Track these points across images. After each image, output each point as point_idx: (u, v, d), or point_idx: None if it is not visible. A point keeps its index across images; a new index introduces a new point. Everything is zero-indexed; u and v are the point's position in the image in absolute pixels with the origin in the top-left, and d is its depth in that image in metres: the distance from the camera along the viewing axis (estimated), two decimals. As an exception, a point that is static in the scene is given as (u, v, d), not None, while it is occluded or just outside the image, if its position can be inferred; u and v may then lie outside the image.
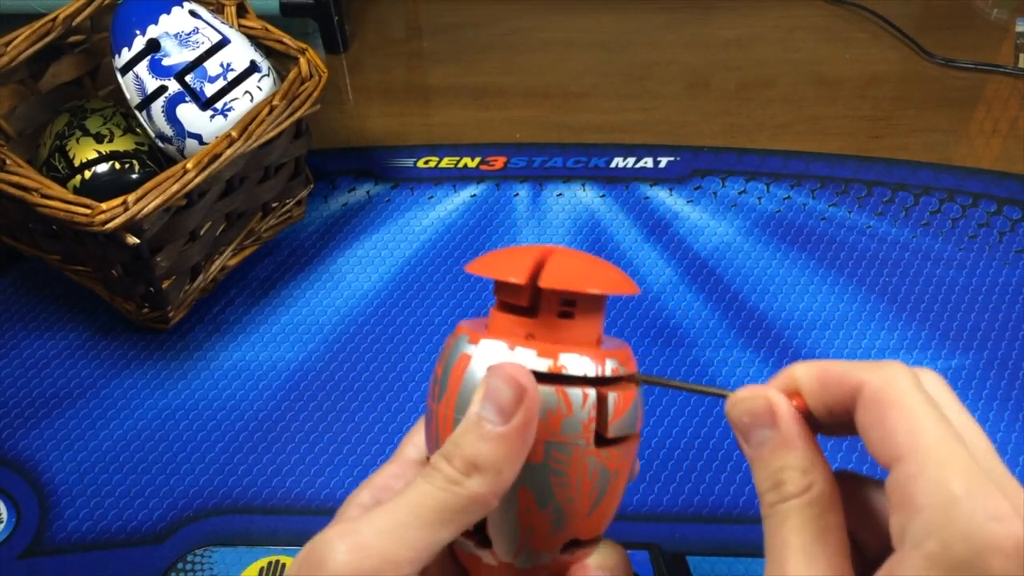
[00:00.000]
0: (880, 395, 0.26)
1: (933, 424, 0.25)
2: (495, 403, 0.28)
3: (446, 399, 0.30)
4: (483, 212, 0.83)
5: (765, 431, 0.29)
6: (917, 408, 0.25)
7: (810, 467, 0.28)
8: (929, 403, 0.26)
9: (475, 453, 0.28)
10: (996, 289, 0.74)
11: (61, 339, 0.74)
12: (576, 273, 0.31)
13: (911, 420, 0.25)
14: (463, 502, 0.27)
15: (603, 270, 0.32)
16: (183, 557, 0.61)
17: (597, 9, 1.08)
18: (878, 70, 0.98)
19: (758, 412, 0.29)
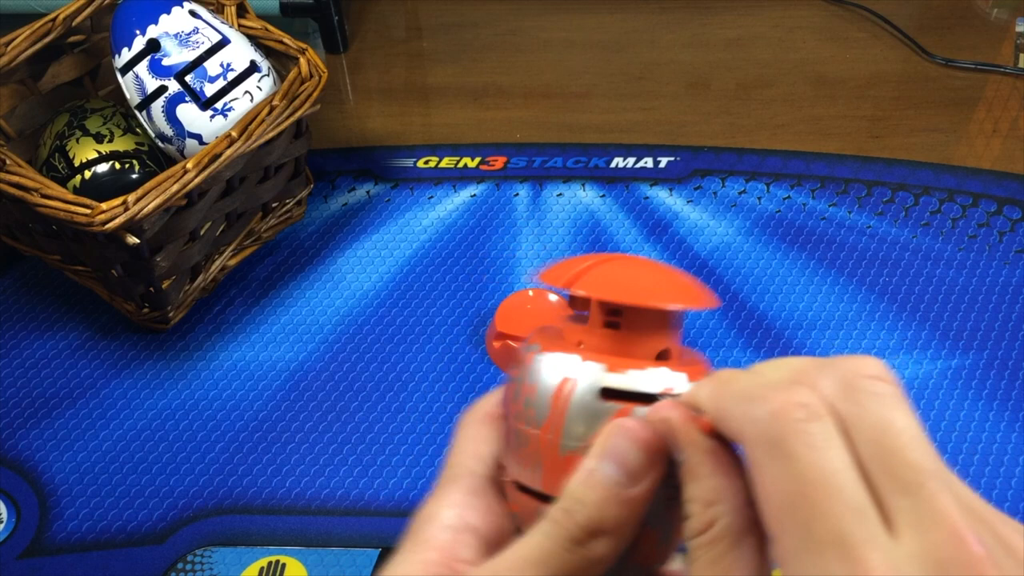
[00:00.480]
0: (753, 456, 0.23)
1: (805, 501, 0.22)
2: (623, 465, 0.28)
3: (549, 425, 0.29)
4: (483, 212, 0.83)
5: (677, 455, 0.27)
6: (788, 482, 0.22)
7: (714, 498, 0.25)
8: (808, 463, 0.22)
9: (601, 517, 0.27)
10: (996, 289, 0.74)
11: (61, 339, 0.74)
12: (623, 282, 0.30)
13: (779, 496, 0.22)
14: (585, 564, 0.27)
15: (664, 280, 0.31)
16: (183, 557, 0.61)
17: (597, 9, 1.08)
18: (878, 70, 0.98)
19: (664, 438, 0.27)
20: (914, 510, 0.21)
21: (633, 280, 0.31)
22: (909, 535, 0.21)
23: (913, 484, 0.21)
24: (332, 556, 0.60)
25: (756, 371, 0.26)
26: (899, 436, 0.22)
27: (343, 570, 0.60)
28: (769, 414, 0.23)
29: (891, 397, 0.23)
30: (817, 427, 0.22)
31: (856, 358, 0.24)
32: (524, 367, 0.31)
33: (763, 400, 0.23)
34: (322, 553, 0.61)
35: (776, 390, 0.23)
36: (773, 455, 0.22)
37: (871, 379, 0.23)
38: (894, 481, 0.22)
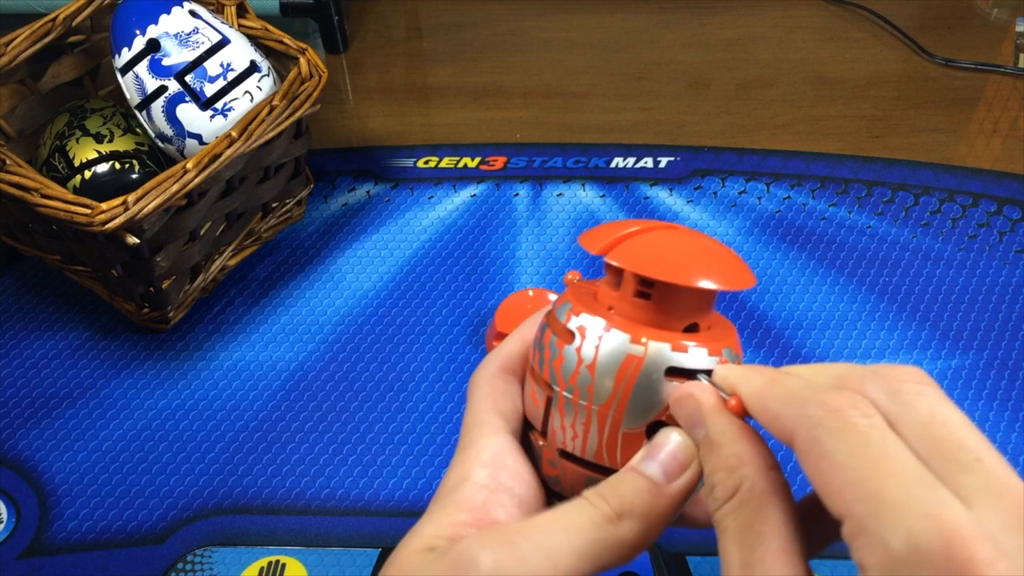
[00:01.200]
0: (811, 446, 0.24)
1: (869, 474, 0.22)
2: (661, 463, 0.29)
3: (611, 402, 0.29)
4: (483, 212, 0.83)
5: (699, 430, 0.28)
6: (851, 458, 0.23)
7: (737, 464, 0.26)
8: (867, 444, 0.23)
9: (632, 502, 0.28)
10: (996, 289, 0.74)
11: (61, 339, 0.74)
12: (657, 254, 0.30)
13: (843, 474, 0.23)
14: (614, 542, 0.27)
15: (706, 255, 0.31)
16: (183, 557, 0.61)
17: (597, 9, 1.08)
18: (878, 70, 0.98)
19: (690, 412, 0.28)
20: (978, 484, 0.22)
21: (669, 254, 0.30)
22: (980, 503, 0.21)
23: (970, 461, 0.22)
24: (332, 556, 0.60)
25: (796, 373, 0.27)
26: (946, 423, 0.23)
27: (343, 570, 0.60)
28: (825, 412, 0.24)
29: (934, 396, 0.24)
30: (872, 421, 0.23)
31: (898, 367, 0.25)
32: (574, 338, 0.30)
33: (815, 402, 0.24)
34: (322, 553, 0.61)
35: (827, 392, 0.24)
36: (836, 441, 0.23)
37: (914, 383, 0.25)
38: (952, 463, 0.22)
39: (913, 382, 0.25)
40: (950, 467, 0.22)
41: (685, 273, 0.29)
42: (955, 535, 0.20)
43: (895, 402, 0.24)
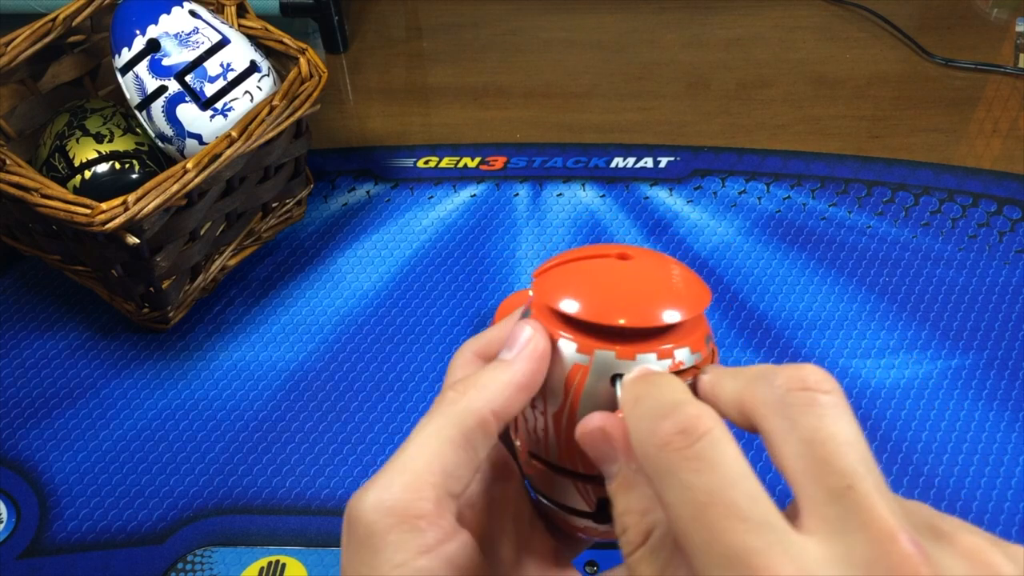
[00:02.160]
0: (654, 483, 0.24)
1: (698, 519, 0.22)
2: (509, 346, 0.29)
3: (562, 412, 0.30)
4: (483, 212, 0.83)
5: (612, 467, 0.26)
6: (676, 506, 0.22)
7: (651, 507, 0.25)
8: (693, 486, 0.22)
9: (475, 377, 0.28)
10: (996, 289, 0.74)
11: (61, 339, 0.74)
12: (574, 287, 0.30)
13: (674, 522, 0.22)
14: (462, 415, 0.27)
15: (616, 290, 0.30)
16: (183, 557, 0.61)
17: (597, 9, 1.08)
18: (878, 70, 0.98)
19: (601, 448, 0.27)
20: (840, 516, 0.21)
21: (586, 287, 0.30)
22: (831, 540, 0.20)
23: (839, 489, 0.21)
24: (332, 556, 0.60)
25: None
26: (826, 444, 0.22)
27: (343, 570, 0.60)
28: (656, 447, 0.23)
29: (826, 406, 0.22)
30: (701, 445, 0.22)
31: (797, 368, 0.24)
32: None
33: (650, 431, 0.23)
34: (322, 553, 0.61)
35: (659, 419, 0.23)
36: (665, 486, 0.22)
37: (807, 391, 0.23)
38: (821, 490, 0.21)
39: (804, 389, 0.23)
40: (819, 495, 0.21)
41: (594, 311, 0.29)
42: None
43: (779, 415, 0.23)
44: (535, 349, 0.29)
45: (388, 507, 0.26)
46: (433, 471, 0.26)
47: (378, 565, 0.25)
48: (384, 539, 0.25)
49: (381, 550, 0.25)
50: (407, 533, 0.25)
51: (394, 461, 0.27)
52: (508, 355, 0.29)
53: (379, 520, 0.26)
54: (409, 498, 0.26)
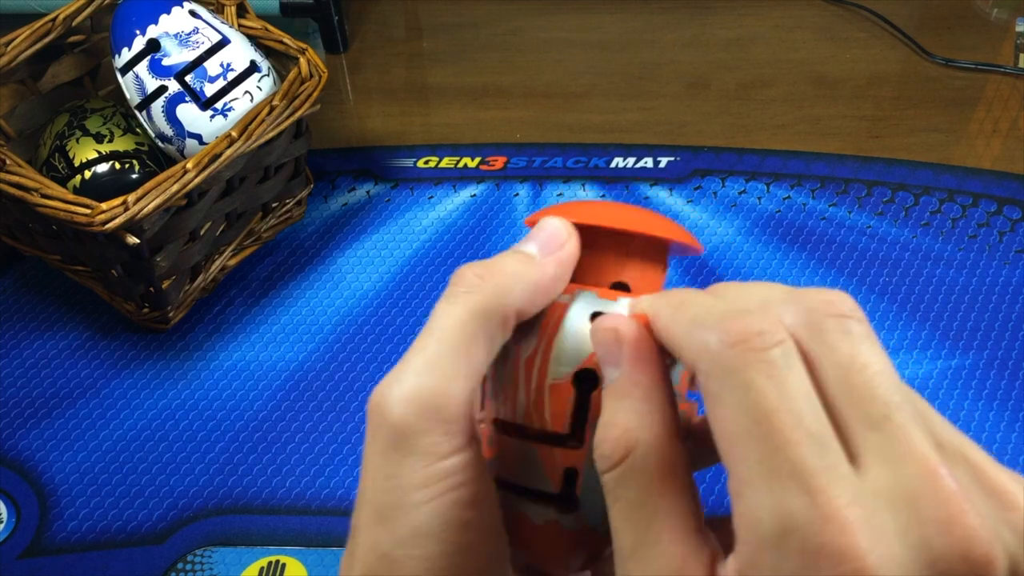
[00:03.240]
0: (706, 384, 0.21)
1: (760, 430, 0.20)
2: (537, 240, 0.28)
3: (536, 352, 0.28)
4: (483, 212, 0.83)
5: (613, 371, 0.24)
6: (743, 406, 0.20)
7: (637, 423, 0.23)
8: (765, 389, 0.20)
9: (499, 266, 0.27)
10: (996, 289, 0.74)
11: (61, 339, 0.74)
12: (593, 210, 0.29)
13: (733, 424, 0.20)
14: (486, 310, 0.26)
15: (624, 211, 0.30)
16: (183, 557, 0.61)
17: (597, 9, 1.08)
18: (878, 70, 0.98)
19: (609, 348, 0.24)
20: (881, 444, 0.20)
21: (593, 210, 0.29)
22: (876, 470, 0.19)
23: (879, 417, 0.20)
24: (332, 556, 0.60)
25: (715, 293, 0.24)
26: (864, 370, 0.21)
27: (343, 570, 0.60)
28: (723, 342, 0.21)
29: (859, 334, 0.21)
30: (776, 352, 0.21)
31: (824, 291, 0.22)
32: None
33: (717, 327, 0.21)
34: (322, 553, 0.61)
35: (732, 317, 0.21)
36: (728, 385, 0.20)
37: (839, 317, 0.22)
38: (860, 416, 0.20)
39: (837, 315, 0.22)
40: (857, 421, 0.20)
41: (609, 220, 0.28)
42: (835, 518, 0.18)
43: (814, 339, 0.21)
44: (569, 253, 0.28)
45: (420, 406, 0.24)
46: (460, 370, 0.25)
47: (409, 466, 0.24)
48: (417, 441, 0.24)
49: (412, 452, 0.24)
50: (441, 436, 0.24)
51: (418, 352, 0.25)
52: (531, 248, 0.27)
53: (411, 421, 0.24)
54: (441, 398, 0.24)
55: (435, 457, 0.25)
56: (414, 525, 0.24)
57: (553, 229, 0.28)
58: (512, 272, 0.27)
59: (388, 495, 0.25)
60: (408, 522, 0.25)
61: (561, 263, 0.27)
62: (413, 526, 0.24)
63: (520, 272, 0.27)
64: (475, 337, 0.26)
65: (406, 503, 0.25)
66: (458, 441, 0.25)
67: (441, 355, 0.25)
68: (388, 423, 0.25)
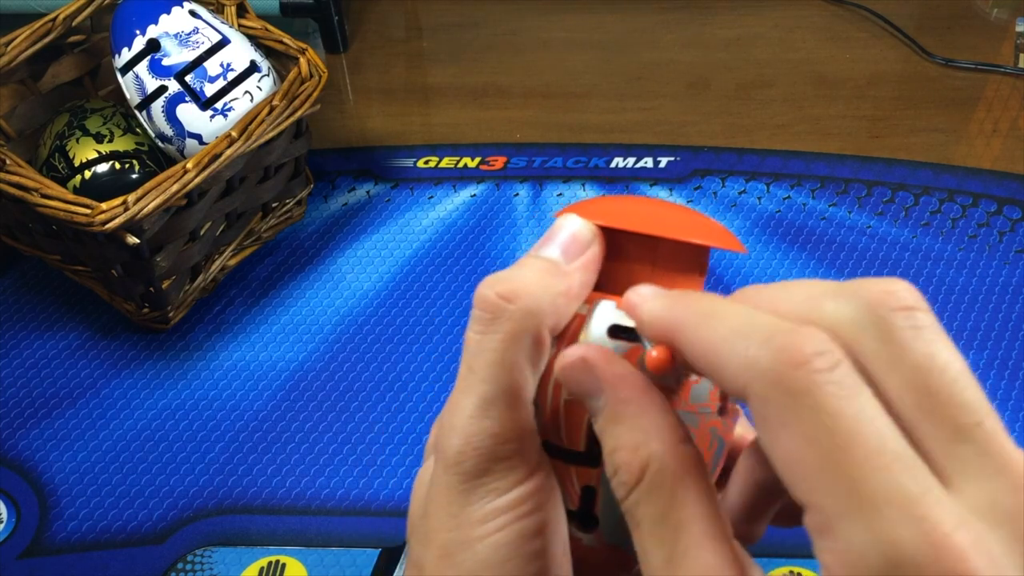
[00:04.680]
0: (767, 412, 0.19)
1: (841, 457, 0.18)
2: (559, 243, 0.26)
3: (552, 366, 0.26)
4: (483, 212, 0.83)
5: (596, 400, 0.23)
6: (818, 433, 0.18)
7: (643, 439, 0.21)
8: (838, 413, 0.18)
9: (523, 282, 0.25)
10: (996, 289, 0.74)
11: (61, 339, 0.74)
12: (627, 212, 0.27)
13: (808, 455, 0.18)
14: (522, 336, 0.24)
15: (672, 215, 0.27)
16: (183, 557, 0.61)
17: (597, 9, 1.08)
18: (878, 70, 0.98)
19: (582, 380, 0.24)
20: (973, 457, 0.18)
21: (625, 210, 0.28)
22: (971, 486, 0.18)
23: (968, 427, 0.18)
24: (332, 556, 0.60)
25: (748, 299, 0.22)
26: (945, 372, 0.19)
27: (343, 570, 0.60)
28: (779, 361, 0.19)
29: (928, 330, 0.19)
30: (843, 371, 0.19)
31: (882, 281, 0.20)
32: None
33: (768, 345, 0.19)
34: (322, 553, 0.61)
35: (783, 333, 0.19)
36: (794, 410, 0.19)
37: (906, 311, 0.19)
38: (945, 426, 0.18)
39: (904, 308, 0.19)
40: (942, 433, 0.18)
41: (635, 222, 0.26)
42: (947, 546, 0.17)
43: (882, 338, 0.19)
44: (593, 258, 0.26)
45: (478, 451, 0.24)
46: (511, 403, 0.24)
47: (472, 504, 0.24)
48: (479, 481, 0.24)
49: (475, 491, 0.24)
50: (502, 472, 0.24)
51: (467, 395, 0.24)
52: (552, 252, 0.26)
53: (471, 467, 0.24)
54: (498, 438, 0.24)
55: (497, 492, 0.24)
56: (479, 559, 0.24)
57: (576, 231, 0.26)
58: (539, 288, 0.25)
59: (453, 532, 0.25)
60: (473, 556, 0.24)
61: (587, 270, 0.26)
62: (478, 560, 0.24)
63: (548, 286, 0.25)
64: (517, 366, 0.25)
65: (471, 538, 0.24)
66: (520, 473, 0.24)
67: (488, 395, 0.24)
68: (449, 469, 0.25)
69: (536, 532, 0.25)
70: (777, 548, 0.58)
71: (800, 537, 0.22)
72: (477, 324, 0.25)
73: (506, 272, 0.25)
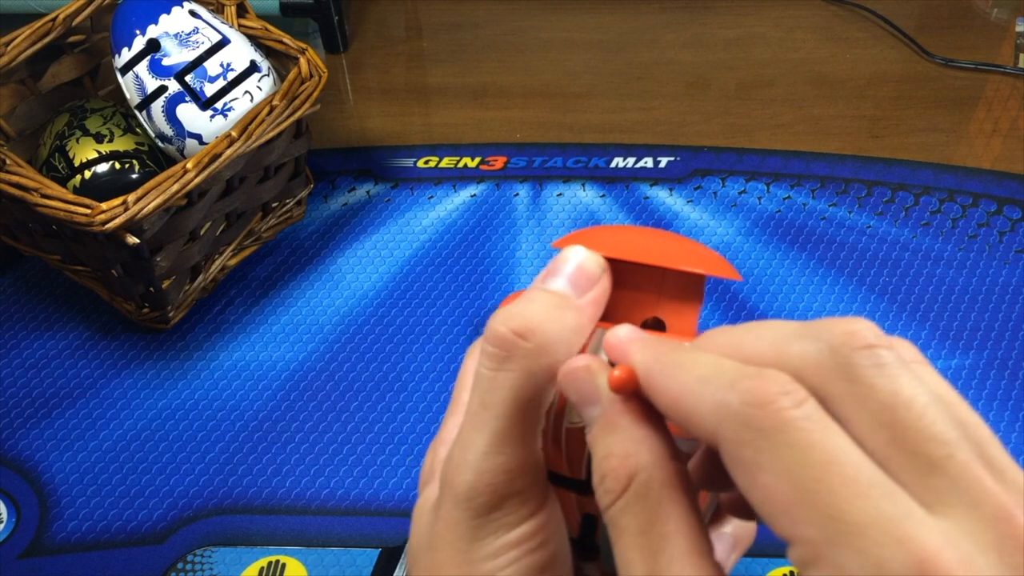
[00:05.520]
0: (740, 453, 0.19)
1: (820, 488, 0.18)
2: (567, 276, 0.26)
3: (556, 392, 0.26)
4: (483, 212, 0.83)
5: (593, 409, 0.23)
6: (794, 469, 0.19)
7: (633, 449, 0.22)
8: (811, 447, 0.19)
9: (536, 318, 0.24)
10: (996, 289, 0.74)
11: (61, 339, 0.74)
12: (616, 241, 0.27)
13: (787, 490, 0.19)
14: (534, 371, 0.24)
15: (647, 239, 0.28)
16: (183, 557, 0.61)
17: (597, 9, 1.08)
18: (878, 70, 0.98)
19: (582, 388, 0.24)
20: (949, 490, 0.18)
21: (628, 241, 0.28)
22: (955, 513, 0.18)
23: (941, 460, 0.18)
24: (332, 556, 0.60)
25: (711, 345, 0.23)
26: (911, 409, 0.19)
27: (343, 570, 0.60)
28: (748, 403, 0.19)
29: (891, 366, 0.20)
30: (810, 408, 0.19)
31: (842, 322, 0.20)
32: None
33: (735, 389, 0.20)
34: (322, 553, 0.61)
35: (748, 378, 0.20)
36: (768, 449, 0.19)
37: (868, 350, 0.20)
38: (919, 461, 0.19)
39: (866, 347, 0.20)
40: (916, 466, 0.19)
41: (639, 253, 0.27)
42: (935, 563, 0.17)
43: (847, 378, 0.20)
44: (603, 292, 0.26)
45: (491, 487, 0.24)
46: (524, 439, 0.24)
47: (483, 539, 0.24)
48: (490, 516, 0.24)
49: (485, 526, 0.24)
50: (513, 507, 0.24)
51: (479, 431, 0.24)
52: (561, 285, 0.26)
53: (482, 503, 0.24)
54: (511, 474, 0.24)
55: (508, 527, 0.24)
56: None
57: (584, 264, 0.26)
58: (553, 324, 0.25)
59: (463, 568, 0.24)
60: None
61: (597, 304, 0.26)
62: None
63: (561, 322, 0.25)
64: (531, 403, 0.25)
65: (481, 575, 0.24)
66: (530, 507, 0.24)
67: (502, 432, 0.24)
68: (460, 505, 0.25)
69: (546, 566, 0.25)
70: (777, 548, 0.58)
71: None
72: (491, 361, 0.25)
73: (518, 307, 0.25)
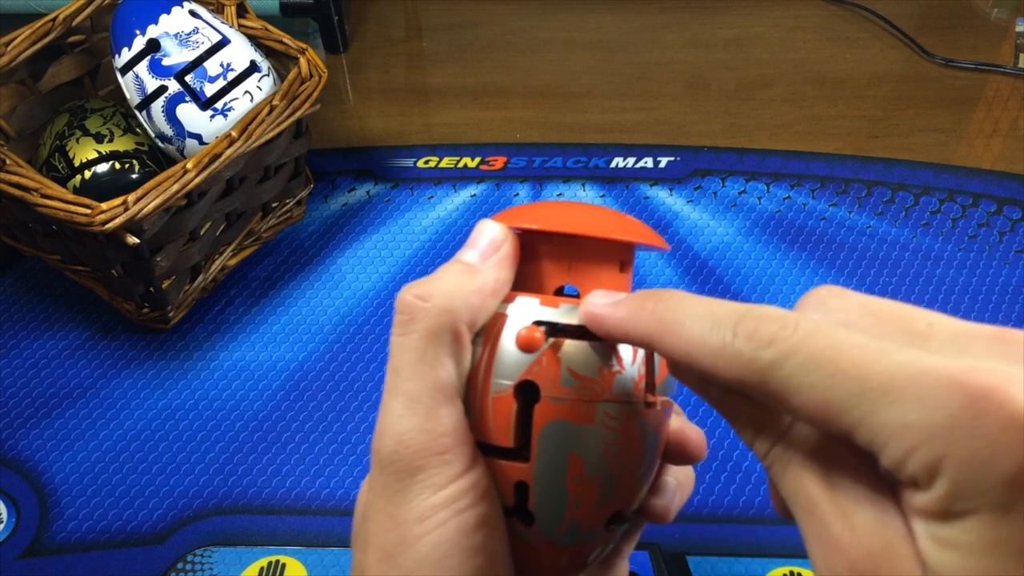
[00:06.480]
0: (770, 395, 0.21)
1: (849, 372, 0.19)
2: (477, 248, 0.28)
3: (480, 365, 0.27)
4: (483, 212, 0.83)
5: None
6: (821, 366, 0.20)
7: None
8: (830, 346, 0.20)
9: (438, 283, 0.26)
10: (996, 289, 0.74)
11: (61, 339, 0.74)
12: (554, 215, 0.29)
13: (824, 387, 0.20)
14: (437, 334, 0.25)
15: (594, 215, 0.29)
16: (183, 557, 0.61)
17: (597, 9, 1.08)
18: (878, 70, 0.98)
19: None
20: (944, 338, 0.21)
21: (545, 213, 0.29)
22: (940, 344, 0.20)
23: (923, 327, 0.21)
24: (332, 556, 0.60)
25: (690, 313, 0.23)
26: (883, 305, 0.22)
27: (343, 570, 0.60)
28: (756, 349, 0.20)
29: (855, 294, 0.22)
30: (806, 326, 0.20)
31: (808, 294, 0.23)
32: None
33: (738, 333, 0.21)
34: (322, 553, 0.61)
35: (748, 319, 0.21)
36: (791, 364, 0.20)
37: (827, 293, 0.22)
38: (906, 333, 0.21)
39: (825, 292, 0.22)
40: (906, 338, 0.20)
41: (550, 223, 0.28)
42: (984, 385, 0.18)
43: (818, 309, 0.22)
44: (505, 255, 0.28)
45: (410, 447, 0.25)
46: (437, 399, 0.25)
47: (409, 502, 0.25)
48: (414, 478, 0.25)
49: (411, 489, 0.25)
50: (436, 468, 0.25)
51: (393, 396, 0.26)
52: (470, 255, 0.28)
53: (405, 464, 0.25)
54: (429, 433, 0.25)
55: (434, 488, 0.25)
56: (418, 558, 0.25)
57: (489, 233, 0.28)
58: (452, 286, 0.26)
59: (391, 532, 0.25)
60: (412, 555, 0.25)
61: (500, 267, 0.27)
62: (417, 559, 0.25)
63: (460, 283, 0.27)
64: (438, 361, 0.26)
65: (408, 537, 0.25)
66: (456, 468, 0.25)
67: (414, 392, 0.25)
68: (385, 470, 0.25)
69: (476, 526, 0.25)
70: (777, 548, 0.58)
71: (800, 537, 0.22)
72: (398, 327, 0.26)
73: (424, 277, 0.27)
